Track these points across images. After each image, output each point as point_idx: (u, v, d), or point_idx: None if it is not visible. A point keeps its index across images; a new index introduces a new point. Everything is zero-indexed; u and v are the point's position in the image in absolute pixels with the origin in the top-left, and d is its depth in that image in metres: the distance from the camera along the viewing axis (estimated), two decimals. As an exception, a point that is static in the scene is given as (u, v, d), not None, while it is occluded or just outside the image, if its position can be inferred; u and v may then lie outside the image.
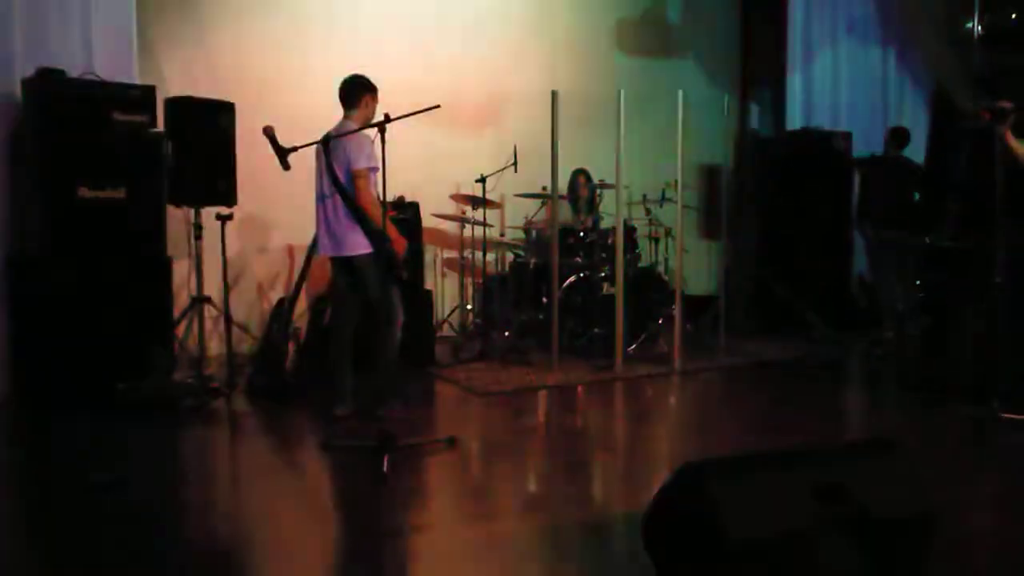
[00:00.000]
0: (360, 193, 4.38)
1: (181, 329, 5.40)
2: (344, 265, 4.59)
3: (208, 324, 5.57)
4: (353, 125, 4.47)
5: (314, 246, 4.87)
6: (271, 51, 6.43)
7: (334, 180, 4.46)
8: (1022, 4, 7.80)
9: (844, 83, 8.45)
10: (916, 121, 8.38)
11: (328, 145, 4.46)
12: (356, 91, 4.57)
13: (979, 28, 7.97)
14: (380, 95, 4.65)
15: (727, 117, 6.34)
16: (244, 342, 6.10)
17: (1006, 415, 4.42)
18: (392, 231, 4.39)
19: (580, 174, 6.82)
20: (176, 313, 5.39)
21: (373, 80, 4.64)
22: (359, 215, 4.43)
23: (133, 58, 5.53)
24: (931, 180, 7.23)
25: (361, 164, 4.36)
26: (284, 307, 5.40)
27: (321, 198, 4.57)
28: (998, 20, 7.90)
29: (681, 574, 2.47)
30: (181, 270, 5.61)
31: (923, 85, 8.56)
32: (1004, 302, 4.50)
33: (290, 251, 6.48)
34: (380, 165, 4.02)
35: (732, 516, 2.32)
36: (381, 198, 4.14)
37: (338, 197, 4.46)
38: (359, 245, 4.47)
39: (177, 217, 5.52)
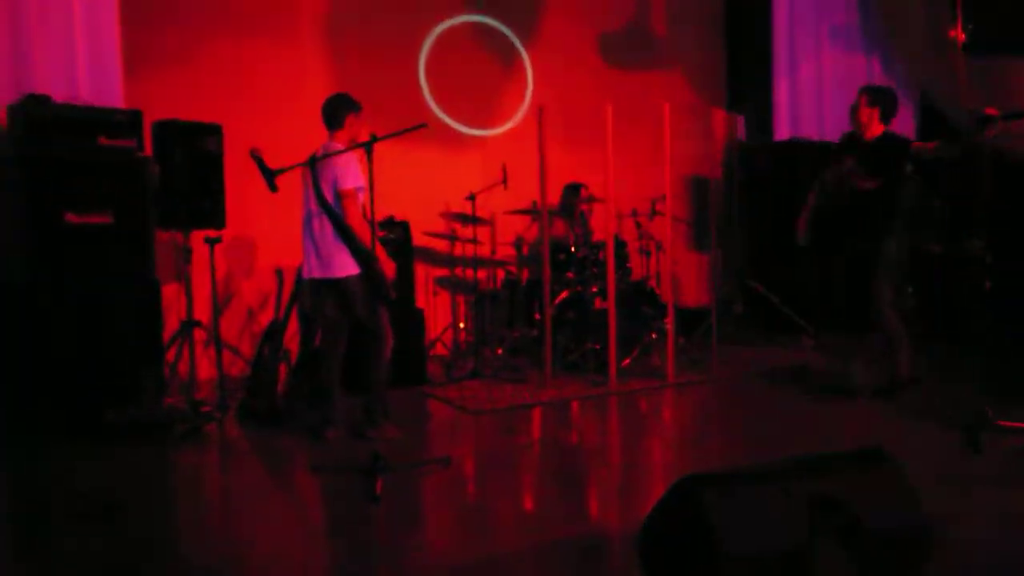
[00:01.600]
0: (347, 213, 4.35)
1: (171, 353, 5.37)
2: (333, 287, 4.56)
3: (198, 348, 5.54)
4: (339, 145, 4.46)
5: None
6: (258, 72, 6.44)
7: (321, 201, 4.44)
8: (1004, 11, 7.86)
9: (829, 92, 8.49)
10: (902, 130, 8.42)
11: (314, 166, 4.45)
12: (339, 111, 4.55)
13: (962, 35, 8.03)
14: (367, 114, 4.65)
15: (714, 129, 6.36)
16: (235, 365, 6.07)
17: (1001, 422, 4.39)
18: (380, 252, 4.38)
19: (583, 187, 6.84)
20: (166, 337, 5.36)
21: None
22: (347, 236, 4.41)
23: (119, 82, 5.52)
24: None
25: (348, 184, 4.34)
26: (275, 329, 5.37)
27: (308, 219, 4.55)
28: (982, 27, 7.96)
29: (678, 591, 2.45)
30: (170, 294, 5.58)
31: (908, 93, 8.60)
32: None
33: (279, 273, 6.46)
34: (367, 185, 4.02)
35: (728, 531, 2.31)
36: (368, 218, 4.13)
37: (325, 218, 4.44)
38: (347, 266, 4.44)
39: (166, 241, 5.50)
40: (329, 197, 4.41)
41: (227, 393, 5.25)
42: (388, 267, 4.47)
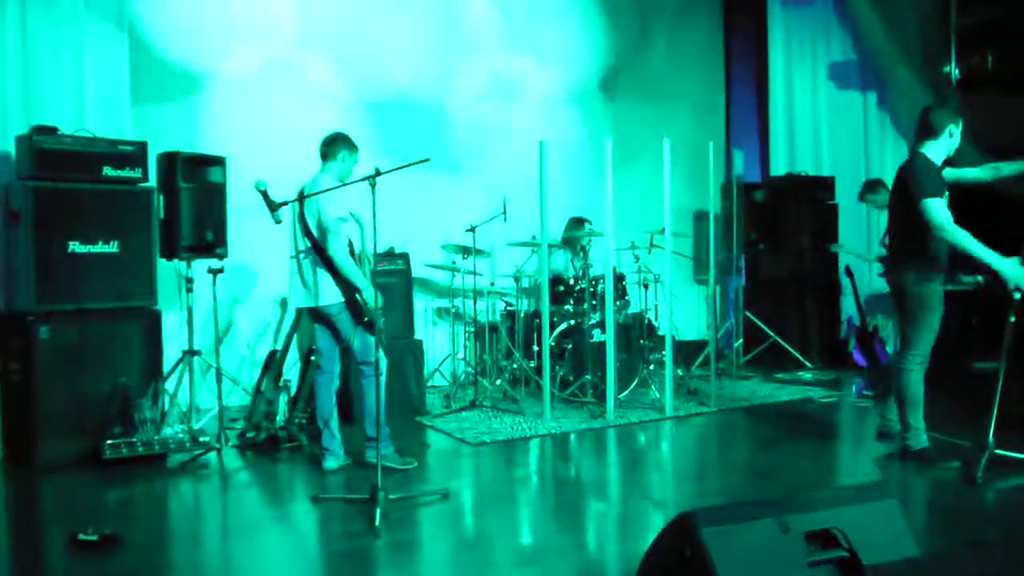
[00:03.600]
0: (328, 245, 4.42)
1: (171, 382, 5.38)
2: (321, 316, 4.63)
3: (198, 377, 5.56)
4: (327, 178, 4.55)
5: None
6: (266, 104, 6.53)
7: (306, 232, 4.52)
8: (998, 47, 7.99)
9: (825, 128, 8.59)
10: (897, 164, 8.52)
11: (302, 197, 4.53)
12: (335, 146, 4.66)
13: (956, 71, 8.16)
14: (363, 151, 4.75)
15: (713, 163, 6.42)
16: (234, 395, 6.08)
17: (1000, 452, 4.33)
18: (359, 280, 4.45)
19: (586, 221, 6.89)
20: (166, 366, 5.37)
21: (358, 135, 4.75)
22: (331, 267, 4.47)
23: (126, 113, 5.60)
24: None
25: (330, 215, 4.41)
26: (275, 359, 5.40)
27: (296, 251, 4.63)
28: (975, 63, 8.09)
29: (677, 626, 2.45)
30: (171, 323, 5.60)
31: (903, 129, 8.70)
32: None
33: (280, 303, 6.49)
34: (350, 217, 4.29)
35: (727, 566, 2.32)
36: (357, 251, 4.20)
37: (312, 248, 4.52)
38: (331, 295, 4.50)
39: (168, 270, 5.54)
40: (314, 230, 4.49)
41: (226, 423, 5.26)
42: (371, 296, 4.48)
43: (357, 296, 4.45)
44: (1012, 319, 4.28)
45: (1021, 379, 5.33)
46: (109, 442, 4.68)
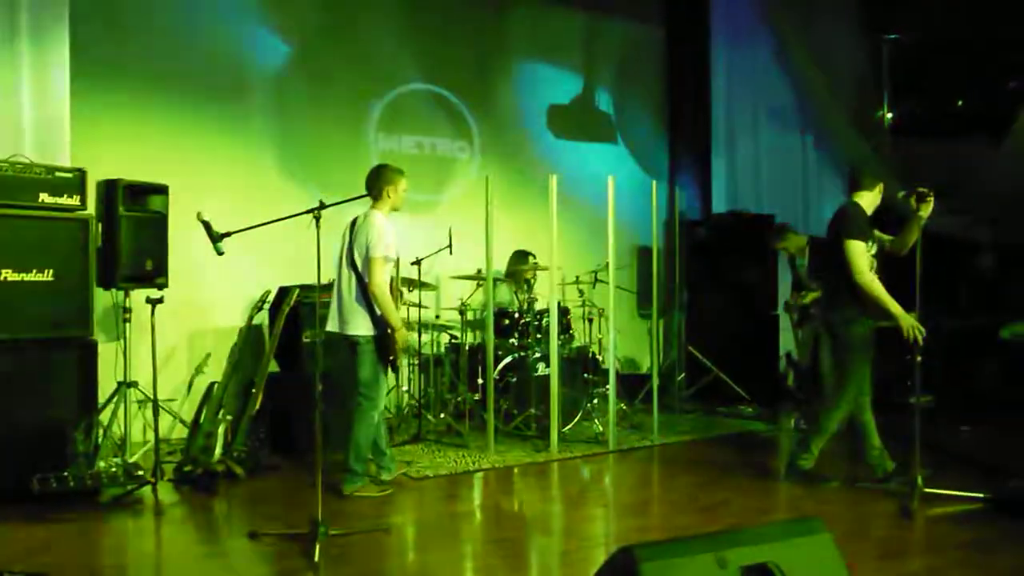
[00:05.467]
0: (372, 279, 4.57)
1: (106, 415, 5.24)
2: (346, 343, 4.75)
3: (134, 409, 5.43)
4: (377, 213, 4.72)
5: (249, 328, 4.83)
6: (208, 133, 6.48)
7: (351, 262, 4.67)
8: (928, 96, 8.34)
9: (765, 168, 8.84)
10: (835, 203, 8.79)
11: (352, 229, 4.75)
12: (378, 184, 4.81)
13: (889, 117, 8.48)
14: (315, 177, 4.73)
15: (656, 200, 6.55)
16: (173, 428, 5.94)
17: (929, 490, 4.52)
18: (396, 320, 4.61)
19: (531, 255, 6.94)
20: (101, 398, 5.23)
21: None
22: (368, 299, 4.61)
23: (65, 140, 5.49)
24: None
25: (376, 252, 4.58)
26: (214, 391, 5.30)
27: (339, 276, 4.79)
28: (907, 110, 8.43)
29: (616, 662, 2.46)
30: (108, 354, 5.47)
31: (839, 170, 8.98)
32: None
33: (220, 334, 6.39)
34: (395, 256, 4.52)
35: (665, 601, 2.34)
36: (394, 287, 4.50)
37: (353, 279, 4.67)
38: (362, 326, 4.66)
39: (106, 299, 5.42)
40: (358, 261, 4.64)
41: (163, 457, 5.13)
42: (403, 336, 4.67)
43: (389, 331, 4.61)
44: (919, 359, 4.58)
45: (947, 413, 5.52)
46: (38, 476, 4.53)
